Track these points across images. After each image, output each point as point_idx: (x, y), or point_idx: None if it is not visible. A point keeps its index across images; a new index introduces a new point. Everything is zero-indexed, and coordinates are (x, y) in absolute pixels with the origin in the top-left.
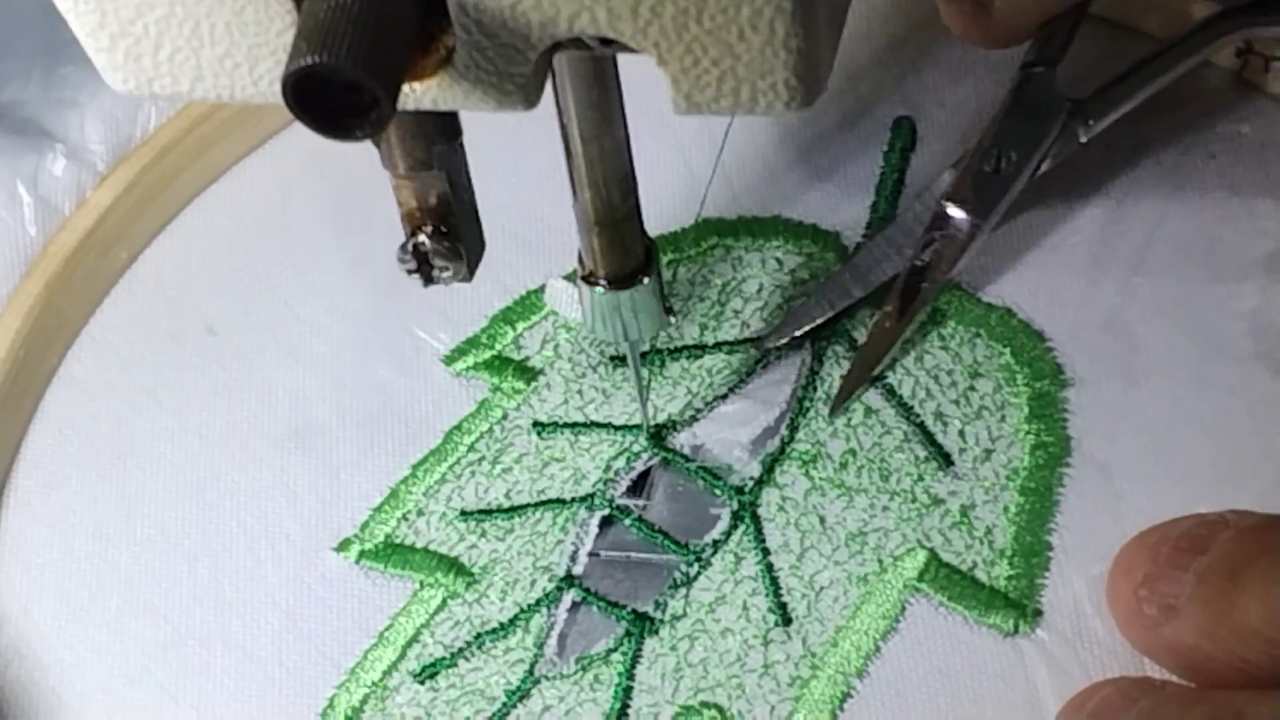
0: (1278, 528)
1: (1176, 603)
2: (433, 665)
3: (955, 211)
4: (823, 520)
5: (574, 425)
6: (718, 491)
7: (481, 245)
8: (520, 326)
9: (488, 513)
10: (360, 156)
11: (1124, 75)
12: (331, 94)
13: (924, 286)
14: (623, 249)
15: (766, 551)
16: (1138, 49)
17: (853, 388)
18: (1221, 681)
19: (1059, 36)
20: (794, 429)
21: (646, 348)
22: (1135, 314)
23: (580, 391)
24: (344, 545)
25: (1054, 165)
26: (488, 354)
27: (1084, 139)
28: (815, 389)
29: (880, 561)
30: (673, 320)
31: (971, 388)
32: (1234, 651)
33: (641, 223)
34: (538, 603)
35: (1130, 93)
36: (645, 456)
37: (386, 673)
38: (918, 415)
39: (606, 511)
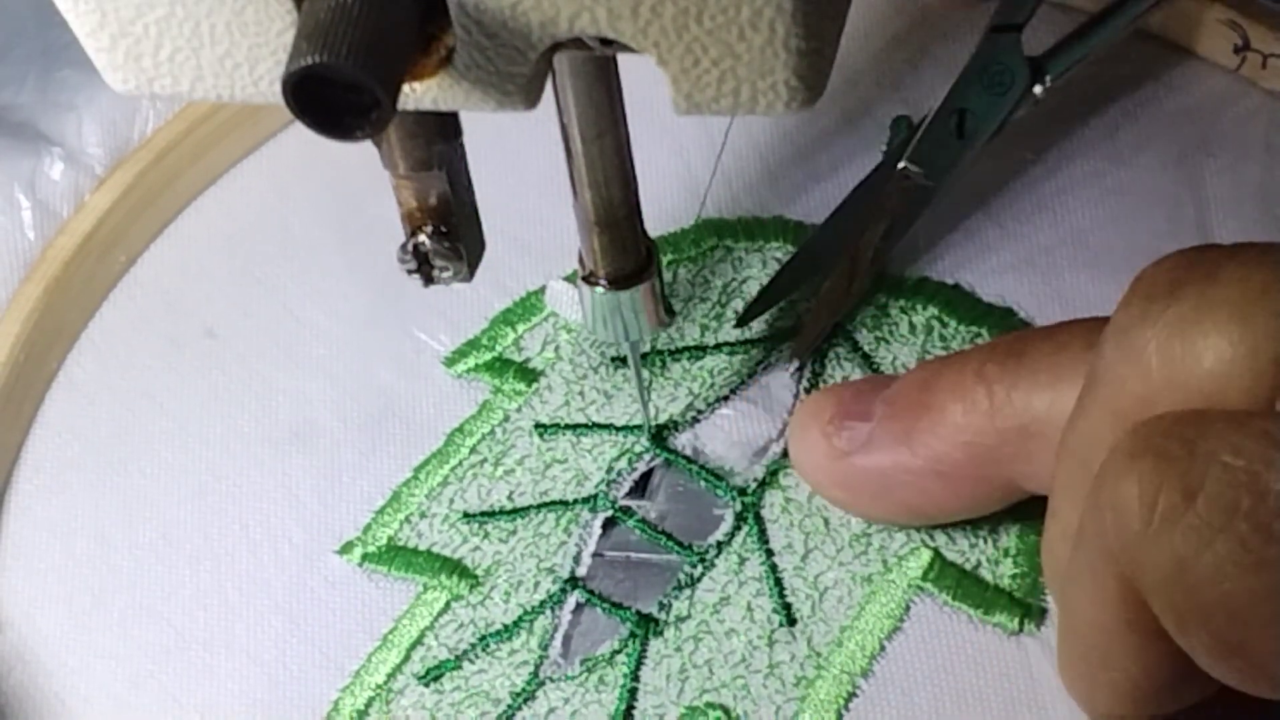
0: (947, 363)
1: (866, 429)
2: (437, 667)
3: (914, 171)
4: (826, 521)
5: (576, 426)
6: (721, 492)
7: (482, 245)
8: (521, 328)
9: (490, 514)
10: (358, 158)
11: (1077, 31)
12: (332, 94)
13: (878, 246)
14: (623, 249)
15: (770, 552)
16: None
17: (809, 343)
18: (915, 497)
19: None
20: None
21: (647, 348)
22: None
23: (581, 393)
24: (346, 548)
25: (1011, 122)
26: (488, 356)
27: (1040, 95)
28: (817, 389)
29: (884, 561)
30: (675, 320)
31: None
32: (930, 449)
33: (642, 223)
34: (542, 604)
35: (1084, 47)
36: (647, 457)
37: (391, 675)
38: None
39: (609, 513)
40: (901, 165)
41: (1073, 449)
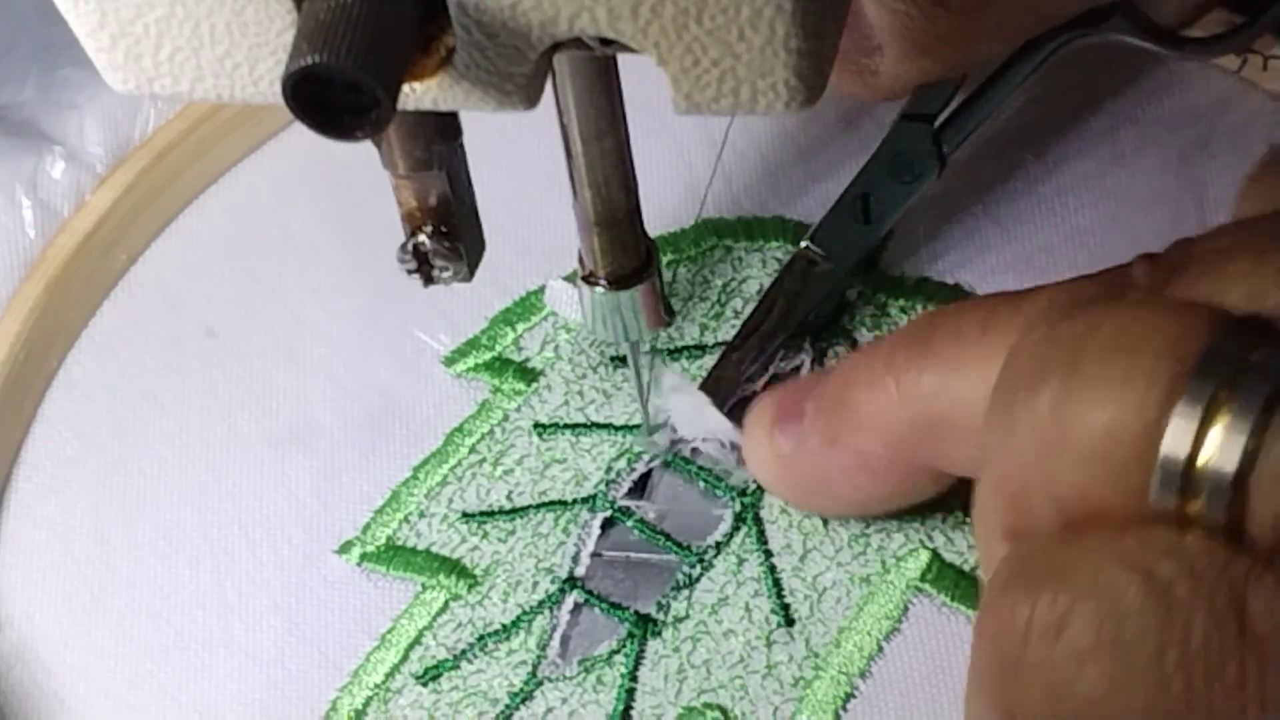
0: (865, 354)
1: (799, 429)
2: (435, 667)
3: (816, 254)
4: (825, 522)
5: (575, 426)
6: (720, 493)
7: (481, 245)
8: (520, 328)
9: (489, 514)
10: (360, 158)
11: (970, 100)
12: (332, 94)
13: (780, 333)
14: (623, 249)
15: (769, 553)
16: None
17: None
18: (851, 491)
19: (942, 91)
20: None
21: (647, 348)
22: None
23: (581, 392)
24: (345, 547)
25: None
26: (488, 355)
27: (938, 173)
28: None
29: (883, 562)
30: (675, 320)
31: None
32: (853, 445)
33: (642, 223)
34: (540, 604)
35: (978, 116)
36: (646, 458)
37: (389, 675)
38: None
39: (608, 513)
40: (803, 246)
41: (975, 518)
